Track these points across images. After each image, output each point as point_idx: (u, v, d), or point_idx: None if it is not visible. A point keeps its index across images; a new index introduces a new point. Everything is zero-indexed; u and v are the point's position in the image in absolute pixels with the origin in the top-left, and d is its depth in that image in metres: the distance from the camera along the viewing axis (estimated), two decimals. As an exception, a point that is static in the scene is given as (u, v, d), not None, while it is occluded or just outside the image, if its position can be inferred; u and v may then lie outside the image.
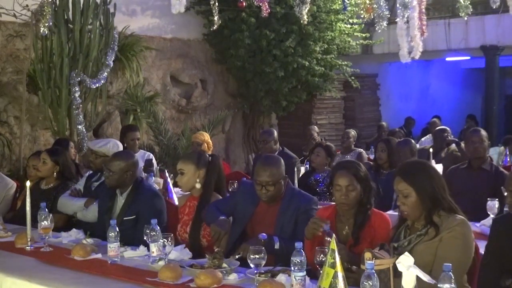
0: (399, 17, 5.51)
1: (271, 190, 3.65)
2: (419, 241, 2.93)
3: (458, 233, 2.88)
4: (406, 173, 3.03)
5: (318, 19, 9.84)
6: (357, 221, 3.37)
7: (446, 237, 2.87)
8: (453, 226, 2.89)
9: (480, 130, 5.52)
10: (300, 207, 3.69)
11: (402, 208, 2.99)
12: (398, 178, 3.01)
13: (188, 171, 4.05)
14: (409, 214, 2.99)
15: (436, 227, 2.90)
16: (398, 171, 3.09)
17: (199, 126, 9.76)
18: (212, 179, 4.10)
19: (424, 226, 2.96)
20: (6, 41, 7.85)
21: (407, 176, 2.99)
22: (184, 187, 4.16)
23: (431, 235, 2.91)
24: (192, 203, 4.13)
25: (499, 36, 10.62)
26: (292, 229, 3.63)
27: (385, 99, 13.00)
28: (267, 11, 6.40)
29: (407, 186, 2.96)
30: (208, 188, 4.08)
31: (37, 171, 5.02)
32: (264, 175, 3.65)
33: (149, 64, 9.49)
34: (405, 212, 2.99)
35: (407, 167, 3.12)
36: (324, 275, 2.42)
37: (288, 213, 3.69)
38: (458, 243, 2.87)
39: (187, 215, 4.12)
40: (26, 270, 3.34)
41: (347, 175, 3.36)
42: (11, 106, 7.97)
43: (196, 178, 4.05)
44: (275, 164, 3.74)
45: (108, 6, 7.40)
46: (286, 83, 9.94)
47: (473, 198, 4.65)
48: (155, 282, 3.02)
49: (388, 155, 5.86)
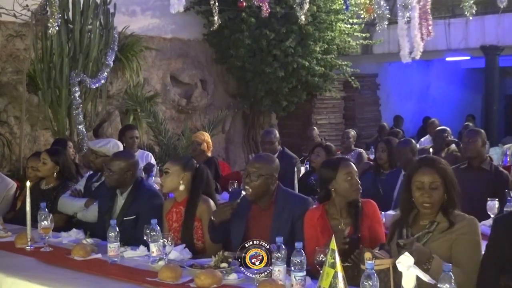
0: (399, 17, 5.51)
1: (255, 181, 3.63)
2: (429, 238, 2.93)
3: (474, 232, 2.91)
4: (437, 165, 2.97)
5: (318, 19, 9.84)
6: (353, 212, 3.44)
7: (463, 237, 2.88)
8: (468, 225, 2.92)
9: (474, 130, 5.54)
10: (296, 210, 3.67)
11: (427, 200, 2.92)
12: (428, 169, 2.95)
13: (173, 171, 4.00)
14: (432, 207, 2.94)
15: (452, 223, 2.91)
16: (427, 163, 3.00)
17: (199, 126, 9.77)
18: (199, 186, 4.04)
19: (431, 223, 2.96)
20: (6, 41, 7.85)
21: (439, 169, 2.95)
22: (166, 187, 4.08)
23: (441, 231, 2.92)
24: (178, 208, 4.05)
25: (499, 36, 10.62)
26: (288, 233, 3.59)
27: (385, 99, 13.00)
28: (267, 11, 6.41)
29: (438, 178, 2.93)
30: (195, 193, 4.02)
31: (37, 171, 5.02)
32: (252, 165, 3.69)
33: (149, 64, 9.49)
34: (428, 204, 2.93)
35: (435, 160, 3.05)
36: (324, 275, 2.42)
37: (283, 217, 3.67)
38: (475, 242, 2.90)
39: (175, 221, 4.04)
40: (26, 270, 3.34)
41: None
42: (11, 106, 7.97)
43: (180, 179, 3.99)
44: (268, 160, 3.76)
45: (108, 6, 7.40)
46: (286, 83, 9.94)
47: (473, 198, 4.64)
48: (155, 282, 3.02)
49: (388, 155, 5.85)
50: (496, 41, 10.72)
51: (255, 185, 3.64)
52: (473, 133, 5.28)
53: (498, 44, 10.77)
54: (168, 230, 3.97)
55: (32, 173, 5.18)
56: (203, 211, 3.98)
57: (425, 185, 2.94)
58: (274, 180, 3.71)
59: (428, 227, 2.96)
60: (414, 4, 5.52)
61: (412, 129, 13.18)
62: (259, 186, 3.64)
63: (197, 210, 3.99)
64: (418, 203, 2.98)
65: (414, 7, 5.55)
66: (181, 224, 3.99)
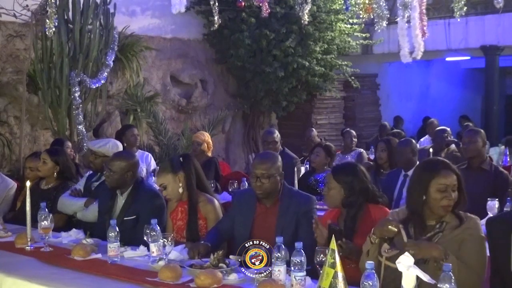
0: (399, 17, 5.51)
1: (265, 183, 3.65)
2: (439, 238, 2.94)
3: (480, 231, 2.94)
4: (453, 167, 3.01)
5: (318, 19, 9.85)
6: (350, 213, 3.45)
7: (471, 237, 2.90)
8: (474, 224, 2.95)
9: (474, 130, 5.54)
10: (300, 208, 3.68)
11: (451, 203, 2.95)
12: (449, 172, 2.98)
13: (168, 181, 3.98)
14: (450, 208, 2.97)
15: (461, 221, 2.94)
16: (447, 166, 3.01)
17: (199, 126, 9.77)
18: (192, 178, 4.04)
19: (440, 223, 2.98)
20: (6, 41, 7.85)
21: (455, 170, 3.00)
22: (173, 198, 4.05)
23: (451, 230, 2.94)
24: (183, 207, 4.06)
25: (499, 36, 10.62)
26: (293, 231, 3.60)
27: (385, 99, 13.00)
28: (267, 11, 6.41)
29: (456, 180, 2.98)
30: (191, 188, 4.02)
31: (37, 171, 5.01)
32: (260, 167, 3.67)
33: (149, 64, 9.49)
34: (450, 207, 2.96)
35: (449, 162, 3.08)
36: (324, 275, 2.42)
37: (288, 215, 3.67)
38: (481, 242, 2.93)
39: (180, 220, 4.06)
40: (26, 270, 3.33)
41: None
42: (11, 106, 7.97)
43: (178, 183, 3.99)
44: (272, 159, 3.76)
45: (108, 6, 7.40)
46: (286, 83, 9.94)
47: (473, 198, 4.62)
48: (155, 282, 3.02)
49: (388, 155, 5.85)
50: (496, 41, 10.72)
51: (267, 187, 3.67)
52: (473, 133, 5.27)
53: (498, 44, 10.77)
54: (172, 229, 3.99)
55: (31, 173, 5.17)
56: (208, 211, 4.00)
57: (448, 188, 2.96)
58: (281, 176, 3.75)
59: (438, 227, 2.97)
60: (415, 3, 5.52)
61: (412, 129, 13.17)
62: (269, 186, 3.68)
63: (202, 210, 4.01)
64: (440, 206, 2.97)
65: (415, 7, 5.55)
66: (185, 223, 4.00)
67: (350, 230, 3.37)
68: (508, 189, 4.85)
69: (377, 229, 2.92)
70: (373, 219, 3.41)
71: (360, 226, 3.41)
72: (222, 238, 3.82)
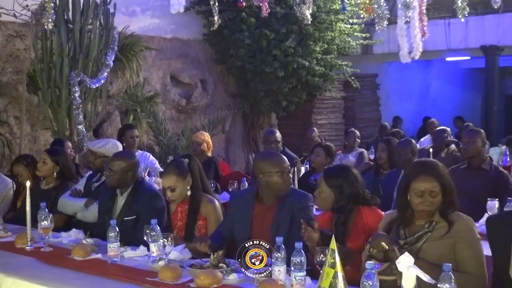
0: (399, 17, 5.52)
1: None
2: (428, 237, 2.94)
3: (474, 233, 2.94)
4: (435, 172, 2.96)
5: (318, 19, 9.85)
6: (340, 219, 3.44)
7: (465, 241, 2.90)
8: (466, 227, 2.94)
9: (473, 130, 5.54)
10: (295, 205, 3.67)
11: (427, 208, 2.93)
12: (427, 177, 2.94)
13: (178, 184, 3.98)
14: (431, 212, 2.96)
15: (450, 223, 2.93)
16: (426, 170, 2.97)
17: (199, 126, 9.77)
18: (198, 180, 4.07)
19: (429, 223, 2.97)
20: (6, 41, 7.86)
21: (437, 175, 2.95)
22: (178, 199, 4.05)
23: (441, 231, 2.94)
24: (183, 208, 4.06)
25: (499, 36, 10.62)
26: (287, 228, 3.60)
27: (385, 99, 13.01)
28: (267, 11, 6.41)
29: (437, 186, 2.93)
30: (196, 189, 4.04)
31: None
32: (285, 164, 3.71)
33: (149, 64, 9.49)
34: (428, 210, 2.95)
35: (433, 166, 3.02)
36: (324, 275, 2.42)
37: (283, 213, 3.67)
38: (476, 244, 2.93)
39: (180, 220, 4.06)
40: (26, 270, 3.33)
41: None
42: (11, 106, 7.97)
43: (187, 186, 4.01)
44: (278, 156, 3.81)
45: (108, 6, 7.40)
46: (286, 83, 9.95)
47: (473, 198, 4.65)
48: (155, 282, 3.02)
49: (388, 155, 5.85)
50: (496, 41, 10.73)
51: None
52: (473, 133, 5.27)
53: (498, 44, 10.78)
54: (174, 229, 3.99)
55: (20, 179, 5.19)
56: (209, 212, 4.01)
57: (425, 194, 2.94)
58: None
59: (427, 226, 2.98)
60: (415, 3, 5.52)
61: (412, 129, 13.17)
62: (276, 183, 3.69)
63: (203, 210, 4.01)
64: (417, 210, 2.98)
65: (415, 7, 5.55)
66: (185, 223, 4.01)
67: (341, 235, 3.36)
68: (508, 189, 4.84)
69: (372, 239, 2.90)
70: (365, 222, 3.42)
71: (352, 229, 3.41)
72: (224, 240, 3.81)
